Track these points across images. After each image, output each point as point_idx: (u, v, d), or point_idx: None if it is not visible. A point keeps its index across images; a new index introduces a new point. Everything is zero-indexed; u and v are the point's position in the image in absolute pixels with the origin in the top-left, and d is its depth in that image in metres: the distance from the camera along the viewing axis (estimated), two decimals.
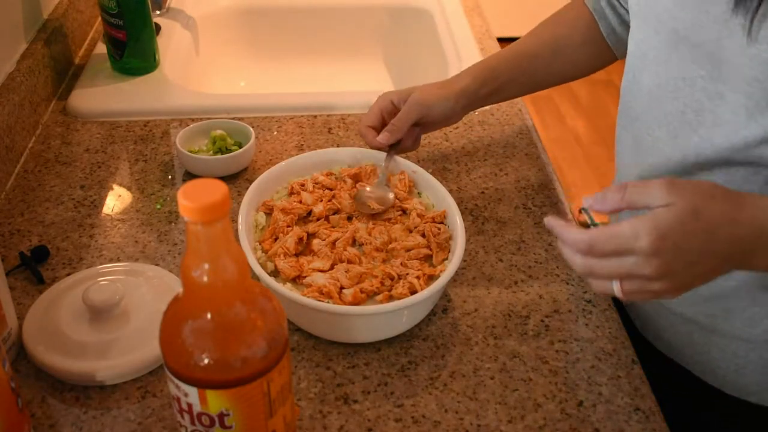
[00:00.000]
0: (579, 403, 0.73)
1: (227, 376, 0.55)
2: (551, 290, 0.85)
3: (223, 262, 0.52)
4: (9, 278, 0.84)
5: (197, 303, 0.54)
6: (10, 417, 0.62)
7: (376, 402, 0.72)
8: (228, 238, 0.52)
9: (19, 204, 0.96)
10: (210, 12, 1.46)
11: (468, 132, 1.12)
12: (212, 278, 0.52)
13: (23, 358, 0.75)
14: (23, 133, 1.05)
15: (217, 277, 0.52)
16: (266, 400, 0.57)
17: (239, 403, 0.56)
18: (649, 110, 0.79)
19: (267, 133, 1.11)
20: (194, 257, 0.52)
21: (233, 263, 0.53)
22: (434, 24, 1.43)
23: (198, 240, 0.51)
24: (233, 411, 0.56)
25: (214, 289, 0.53)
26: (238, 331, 0.54)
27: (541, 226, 0.94)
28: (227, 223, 0.51)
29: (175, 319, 0.55)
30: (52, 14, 1.22)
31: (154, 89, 1.20)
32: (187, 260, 0.52)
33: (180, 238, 0.91)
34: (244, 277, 0.54)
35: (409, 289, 0.77)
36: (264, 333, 0.55)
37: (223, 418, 0.56)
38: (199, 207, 0.49)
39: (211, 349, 0.54)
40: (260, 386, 0.56)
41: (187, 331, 0.54)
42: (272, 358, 0.56)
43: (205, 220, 0.50)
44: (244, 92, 1.46)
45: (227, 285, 0.53)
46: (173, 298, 0.57)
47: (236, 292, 0.54)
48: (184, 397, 0.56)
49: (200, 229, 0.50)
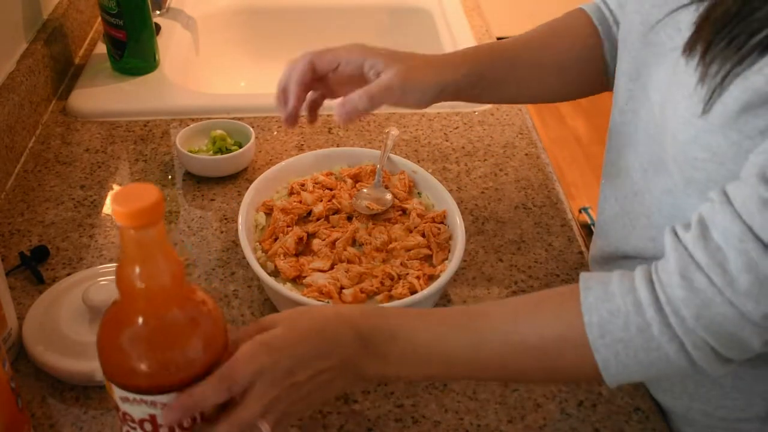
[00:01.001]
0: (579, 403, 0.73)
1: (203, 364, 0.55)
2: None
3: (158, 266, 0.52)
4: (9, 278, 0.84)
5: (135, 308, 0.53)
6: (10, 417, 0.62)
7: (376, 402, 0.72)
8: (162, 243, 0.51)
9: (19, 204, 0.96)
10: (210, 12, 1.46)
11: (468, 132, 1.12)
12: (148, 283, 0.52)
13: (23, 358, 0.75)
14: (23, 133, 1.05)
15: (153, 281, 0.52)
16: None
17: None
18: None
19: (267, 133, 1.11)
20: (129, 262, 0.51)
21: (168, 267, 0.52)
22: (434, 24, 1.43)
23: (131, 245, 0.50)
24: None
25: (152, 293, 0.52)
26: (198, 319, 0.55)
27: (541, 226, 0.94)
28: (161, 227, 0.51)
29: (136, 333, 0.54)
30: (52, 14, 1.22)
31: (154, 89, 1.20)
32: (122, 265, 0.52)
33: (180, 237, 0.91)
34: (179, 282, 0.54)
35: (409, 289, 0.77)
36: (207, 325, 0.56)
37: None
38: (131, 212, 0.49)
39: (187, 342, 0.54)
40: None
41: (160, 339, 0.54)
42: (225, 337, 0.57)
43: (138, 224, 0.49)
44: (244, 92, 1.46)
45: (165, 289, 0.52)
46: (110, 307, 0.56)
47: (173, 296, 0.54)
48: (161, 411, 0.55)
49: (133, 234, 0.50)
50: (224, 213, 0.95)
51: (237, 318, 0.80)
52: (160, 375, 0.54)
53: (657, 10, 0.64)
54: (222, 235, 0.92)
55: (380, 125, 1.13)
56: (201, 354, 0.55)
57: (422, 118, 1.15)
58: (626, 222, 0.71)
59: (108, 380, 0.56)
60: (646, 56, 0.66)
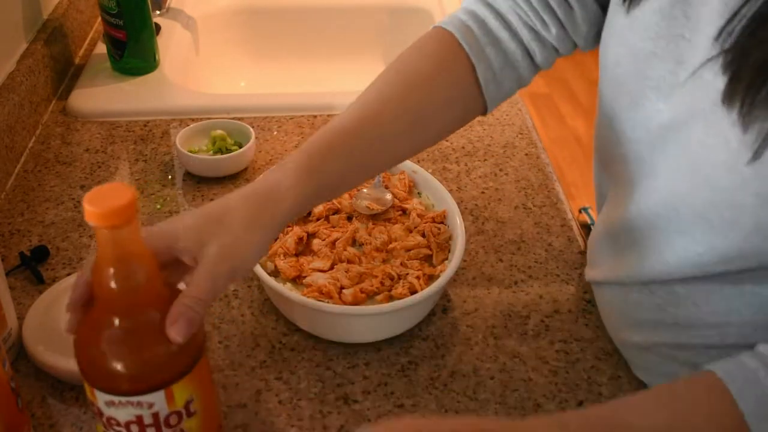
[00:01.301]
0: (579, 403, 0.73)
1: (187, 359, 0.55)
2: (551, 290, 0.85)
3: (134, 266, 0.51)
4: (9, 278, 0.84)
5: (113, 309, 0.53)
6: (10, 417, 0.62)
7: (376, 402, 0.72)
8: (137, 242, 0.51)
9: (19, 204, 0.96)
10: (210, 12, 1.46)
11: (468, 132, 1.12)
12: (122, 283, 0.51)
13: (23, 358, 0.75)
14: (23, 133, 1.05)
15: (128, 281, 0.52)
16: (209, 369, 0.60)
17: (199, 383, 0.56)
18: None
19: (267, 133, 1.11)
20: (104, 263, 0.51)
21: (144, 266, 0.52)
22: (434, 24, 1.43)
23: (106, 245, 0.50)
24: (195, 395, 0.56)
25: (127, 293, 0.52)
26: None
27: (541, 226, 0.94)
28: (135, 227, 0.51)
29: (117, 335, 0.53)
30: (52, 14, 1.22)
31: (154, 89, 1.20)
32: (98, 267, 0.52)
33: None
34: (154, 281, 0.53)
35: (409, 289, 0.77)
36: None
37: (188, 406, 0.56)
38: (104, 212, 0.48)
39: (167, 341, 0.54)
40: (206, 358, 0.58)
41: (141, 338, 0.54)
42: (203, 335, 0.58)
43: (111, 224, 0.49)
44: (244, 92, 1.45)
45: (139, 289, 0.52)
46: (88, 313, 0.55)
47: (148, 296, 0.53)
48: (148, 411, 0.55)
49: (107, 234, 0.50)
50: None
51: (237, 318, 0.80)
52: (145, 375, 0.54)
53: (646, 43, 0.62)
54: None
55: None
56: (184, 348, 0.54)
57: None
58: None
59: (90, 386, 0.55)
60: (642, 89, 0.63)
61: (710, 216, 0.58)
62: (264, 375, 0.74)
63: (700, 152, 0.57)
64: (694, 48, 0.58)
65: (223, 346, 0.77)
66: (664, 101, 0.62)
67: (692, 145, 0.58)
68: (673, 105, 0.61)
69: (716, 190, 0.57)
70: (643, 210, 0.65)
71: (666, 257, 0.64)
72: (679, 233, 0.62)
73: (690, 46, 0.59)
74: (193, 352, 0.56)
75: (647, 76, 0.63)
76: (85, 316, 0.55)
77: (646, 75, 0.63)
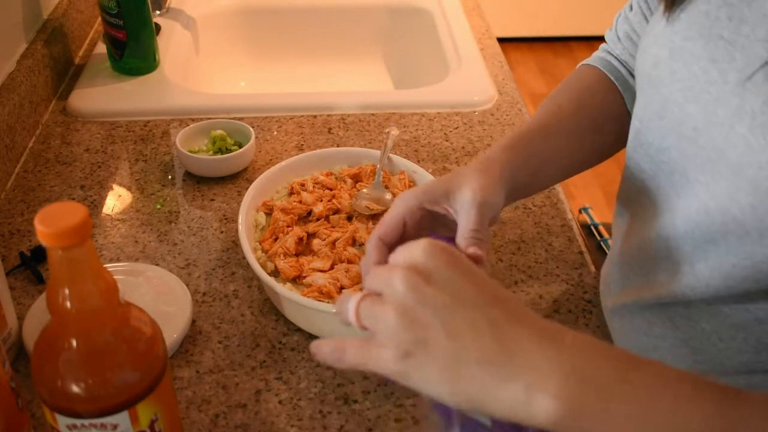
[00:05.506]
0: None
1: (150, 378, 0.53)
2: (551, 290, 0.85)
3: (89, 286, 0.50)
4: (9, 278, 0.84)
5: (69, 330, 0.51)
6: (10, 417, 0.62)
7: (376, 402, 0.72)
8: (92, 262, 0.50)
9: (19, 204, 0.96)
10: (210, 12, 1.46)
11: (468, 132, 1.12)
12: (77, 304, 0.50)
13: (23, 358, 0.75)
14: (23, 133, 1.05)
15: (85, 302, 0.50)
16: (172, 385, 0.59)
17: (163, 401, 0.55)
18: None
19: (267, 133, 1.11)
20: (59, 283, 0.49)
21: (99, 287, 0.50)
22: (434, 24, 1.43)
23: (60, 266, 0.49)
24: (159, 413, 0.55)
25: (84, 314, 0.50)
26: (136, 334, 0.54)
27: (541, 226, 0.94)
28: (89, 246, 0.49)
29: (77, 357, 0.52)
30: (52, 14, 1.22)
31: (154, 89, 1.20)
32: (51, 287, 0.50)
33: (180, 238, 0.91)
34: (111, 300, 0.52)
35: None
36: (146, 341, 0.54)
37: (153, 425, 0.55)
38: (56, 232, 0.47)
39: (127, 360, 0.52)
40: (168, 374, 0.56)
41: (99, 359, 0.52)
42: (163, 349, 0.56)
43: (65, 244, 0.47)
44: (244, 92, 1.46)
45: (96, 309, 0.51)
46: (41, 333, 0.53)
47: (105, 316, 0.52)
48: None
49: (61, 255, 0.48)
50: (224, 213, 0.95)
51: (237, 318, 0.80)
52: (109, 395, 0.52)
53: (686, 42, 0.63)
54: (222, 235, 0.92)
55: (380, 125, 1.13)
56: (147, 367, 0.53)
57: (422, 118, 1.15)
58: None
59: (50, 410, 0.53)
60: (672, 92, 0.64)
61: (748, 222, 0.58)
62: (264, 375, 0.74)
63: (745, 154, 0.57)
64: (737, 48, 0.58)
65: (223, 346, 0.77)
66: (694, 102, 0.61)
67: (734, 147, 0.58)
68: (704, 106, 0.60)
69: (760, 191, 0.56)
70: (678, 222, 0.65)
71: (697, 270, 0.63)
72: (712, 243, 0.61)
73: (729, 46, 0.59)
74: (157, 370, 0.54)
75: (680, 77, 0.63)
76: (40, 339, 0.53)
77: (680, 75, 0.63)
